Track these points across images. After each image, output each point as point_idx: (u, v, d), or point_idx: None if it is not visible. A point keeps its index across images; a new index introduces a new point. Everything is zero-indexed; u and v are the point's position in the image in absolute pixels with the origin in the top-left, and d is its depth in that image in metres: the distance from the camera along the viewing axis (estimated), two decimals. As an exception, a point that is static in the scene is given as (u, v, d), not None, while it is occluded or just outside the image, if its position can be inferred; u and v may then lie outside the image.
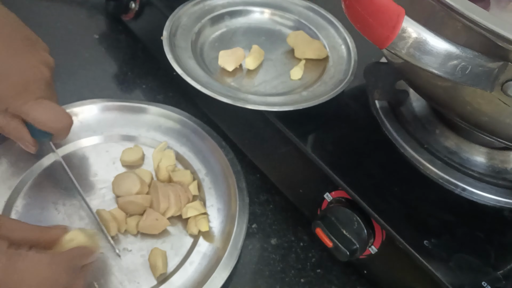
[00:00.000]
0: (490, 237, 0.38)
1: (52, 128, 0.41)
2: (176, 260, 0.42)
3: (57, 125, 0.41)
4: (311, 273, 0.44)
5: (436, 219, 0.38)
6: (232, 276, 0.41)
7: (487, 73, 0.28)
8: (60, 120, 0.42)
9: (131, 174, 0.44)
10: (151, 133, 0.50)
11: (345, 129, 0.44)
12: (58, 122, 0.41)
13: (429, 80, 0.35)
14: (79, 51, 0.60)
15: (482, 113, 0.32)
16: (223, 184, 0.46)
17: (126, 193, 0.43)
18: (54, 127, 0.41)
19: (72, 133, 0.48)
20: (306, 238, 0.46)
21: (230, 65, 0.47)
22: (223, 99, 0.42)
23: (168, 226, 0.43)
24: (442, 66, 0.27)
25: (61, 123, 0.42)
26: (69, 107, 0.49)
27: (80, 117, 0.50)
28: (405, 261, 0.36)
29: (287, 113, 0.43)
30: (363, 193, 0.38)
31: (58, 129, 0.42)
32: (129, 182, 0.44)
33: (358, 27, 0.28)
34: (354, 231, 0.38)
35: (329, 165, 0.40)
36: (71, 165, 0.46)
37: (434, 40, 0.27)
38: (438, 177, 0.41)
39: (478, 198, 0.40)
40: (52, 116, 0.41)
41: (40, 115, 0.40)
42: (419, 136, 0.43)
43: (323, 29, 0.53)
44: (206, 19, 0.52)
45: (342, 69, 0.49)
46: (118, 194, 0.44)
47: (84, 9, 0.66)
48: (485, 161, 0.42)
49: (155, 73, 0.59)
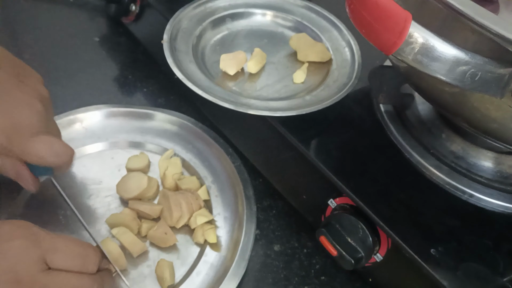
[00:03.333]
0: (498, 244, 0.37)
1: (52, 163, 0.38)
2: (183, 270, 0.41)
3: (57, 159, 0.38)
4: (315, 280, 0.43)
5: (443, 226, 0.37)
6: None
7: (497, 80, 0.27)
8: (59, 154, 0.38)
9: (136, 173, 0.44)
10: (156, 140, 0.50)
11: (349, 134, 0.44)
12: (57, 156, 0.38)
13: (436, 85, 0.34)
14: (79, 54, 0.59)
15: (491, 119, 0.32)
16: (230, 192, 0.46)
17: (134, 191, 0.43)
18: (54, 162, 0.38)
19: (77, 140, 0.48)
20: (310, 245, 0.45)
21: (232, 68, 0.46)
22: (225, 105, 0.42)
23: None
24: (451, 72, 0.27)
25: (61, 156, 0.39)
26: (73, 113, 0.49)
27: (84, 124, 0.49)
28: (411, 269, 0.35)
29: (290, 118, 0.42)
30: (368, 199, 0.38)
31: (58, 164, 0.39)
32: (135, 181, 0.43)
33: (364, 32, 0.27)
34: (359, 239, 0.37)
35: (333, 170, 0.39)
36: (76, 172, 0.45)
37: (442, 46, 0.26)
38: (444, 183, 0.40)
39: (486, 205, 0.39)
40: (51, 150, 0.38)
41: (37, 152, 0.37)
42: (425, 140, 0.42)
43: (326, 31, 0.52)
44: (207, 22, 0.51)
45: (346, 72, 0.48)
46: (125, 196, 0.43)
47: (84, 11, 0.65)
48: (493, 166, 0.41)
49: (156, 76, 0.58)
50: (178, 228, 0.43)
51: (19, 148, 0.37)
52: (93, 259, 0.34)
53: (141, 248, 0.41)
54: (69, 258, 0.33)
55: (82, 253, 0.34)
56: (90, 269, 0.34)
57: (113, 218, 0.42)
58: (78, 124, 0.42)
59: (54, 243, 0.33)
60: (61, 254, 0.33)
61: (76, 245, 0.34)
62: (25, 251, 0.31)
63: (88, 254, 0.34)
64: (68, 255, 0.33)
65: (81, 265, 0.33)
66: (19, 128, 0.37)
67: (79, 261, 0.33)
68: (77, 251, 0.34)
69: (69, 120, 0.49)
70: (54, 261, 0.32)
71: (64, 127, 0.48)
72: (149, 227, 0.42)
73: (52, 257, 0.32)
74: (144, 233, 0.42)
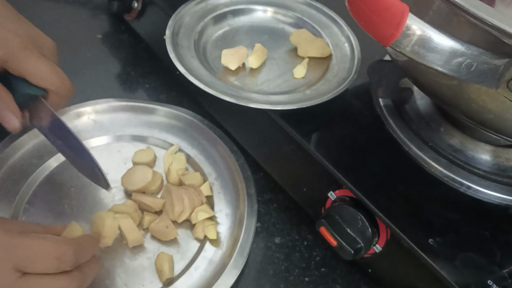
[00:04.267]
0: (495, 235, 0.37)
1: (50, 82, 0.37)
2: (182, 264, 0.41)
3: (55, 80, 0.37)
4: (315, 272, 0.44)
5: (441, 218, 0.38)
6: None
7: (493, 71, 0.28)
8: (59, 77, 0.37)
9: (142, 166, 0.45)
10: (163, 135, 0.50)
11: (349, 128, 0.44)
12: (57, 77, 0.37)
13: (434, 78, 0.35)
14: (82, 51, 0.60)
15: (488, 110, 0.32)
16: (232, 189, 0.46)
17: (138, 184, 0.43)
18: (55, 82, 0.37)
19: (85, 132, 0.48)
20: (310, 237, 0.46)
21: (233, 64, 0.47)
22: (227, 98, 0.42)
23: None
24: (447, 63, 0.27)
25: (60, 79, 0.37)
26: (82, 105, 0.50)
27: (93, 116, 0.50)
28: (410, 259, 0.36)
29: (291, 112, 0.43)
30: (367, 191, 0.38)
31: (56, 85, 0.37)
32: (140, 174, 0.44)
33: (362, 24, 0.28)
34: (358, 230, 0.38)
35: (333, 163, 0.40)
36: None
37: (439, 37, 0.27)
38: (442, 175, 0.40)
39: (483, 196, 0.40)
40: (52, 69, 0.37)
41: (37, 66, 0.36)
42: (424, 134, 0.43)
43: (326, 27, 0.53)
44: (208, 18, 0.52)
45: (346, 67, 0.49)
46: (129, 188, 0.44)
47: (87, 9, 0.66)
48: (490, 159, 0.42)
49: (158, 72, 0.59)
50: (179, 223, 0.43)
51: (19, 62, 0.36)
52: (69, 257, 0.33)
53: (138, 237, 0.41)
54: (43, 262, 0.32)
55: (57, 254, 0.32)
56: (67, 267, 0.33)
57: (115, 208, 0.42)
58: (86, 117, 0.43)
59: (26, 248, 0.32)
60: (35, 259, 0.32)
61: (50, 246, 0.33)
62: None
63: (63, 253, 0.33)
64: (42, 259, 0.32)
65: (56, 266, 0.32)
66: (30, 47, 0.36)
67: (54, 263, 0.32)
68: (51, 253, 0.32)
69: (78, 113, 0.49)
70: (29, 267, 0.32)
71: (73, 119, 0.49)
72: (151, 220, 0.43)
73: (26, 264, 0.32)
74: (145, 226, 0.43)
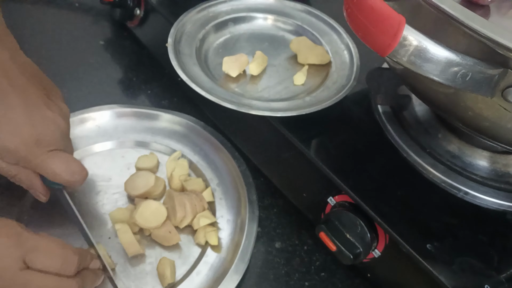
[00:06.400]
0: (492, 240, 0.38)
1: (66, 181, 0.40)
2: (183, 269, 0.42)
3: (71, 178, 0.40)
4: (315, 277, 0.44)
5: (439, 223, 0.38)
6: (237, 280, 0.42)
7: (488, 80, 0.29)
8: (74, 172, 0.40)
9: (145, 172, 0.45)
10: (166, 141, 0.51)
11: (348, 134, 0.45)
12: (72, 175, 0.40)
13: (431, 86, 0.35)
14: (85, 57, 0.61)
15: (483, 118, 0.33)
16: (234, 195, 0.47)
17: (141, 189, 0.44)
18: (68, 180, 0.40)
19: (89, 138, 0.49)
20: (310, 242, 0.46)
21: (234, 71, 0.48)
22: (227, 105, 0.43)
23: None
24: (443, 73, 0.28)
25: (75, 175, 0.40)
26: (87, 111, 0.50)
27: (97, 122, 0.50)
28: (409, 264, 0.36)
29: (291, 118, 0.43)
30: (366, 197, 0.39)
31: (71, 182, 0.40)
32: (143, 179, 0.44)
33: (360, 35, 0.29)
34: (357, 235, 0.38)
35: (332, 169, 0.40)
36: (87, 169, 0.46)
37: (435, 48, 0.27)
38: (440, 181, 0.41)
39: (481, 202, 0.40)
40: (67, 169, 0.39)
41: (53, 168, 0.39)
42: (422, 140, 0.43)
43: (326, 35, 0.54)
44: (210, 26, 0.52)
45: (345, 74, 0.49)
46: (132, 193, 0.44)
47: (89, 15, 0.66)
48: (488, 165, 0.42)
49: (160, 79, 0.60)
50: (181, 228, 0.44)
51: (37, 161, 0.38)
52: (72, 261, 0.34)
53: (136, 250, 0.41)
54: (48, 259, 0.34)
55: (62, 255, 0.34)
56: (68, 271, 0.34)
57: (117, 213, 0.43)
58: (91, 122, 0.43)
59: (36, 243, 0.34)
60: (40, 254, 0.33)
61: (57, 247, 0.34)
62: (7, 250, 0.32)
63: (68, 256, 0.34)
64: (48, 256, 0.34)
65: (59, 266, 0.34)
66: (41, 142, 0.38)
67: (58, 263, 0.34)
68: (57, 252, 0.34)
69: (83, 118, 0.50)
70: (33, 261, 0.33)
71: (77, 125, 0.49)
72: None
73: (32, 256, 0.33)
74: (148, 231, 0.43)
